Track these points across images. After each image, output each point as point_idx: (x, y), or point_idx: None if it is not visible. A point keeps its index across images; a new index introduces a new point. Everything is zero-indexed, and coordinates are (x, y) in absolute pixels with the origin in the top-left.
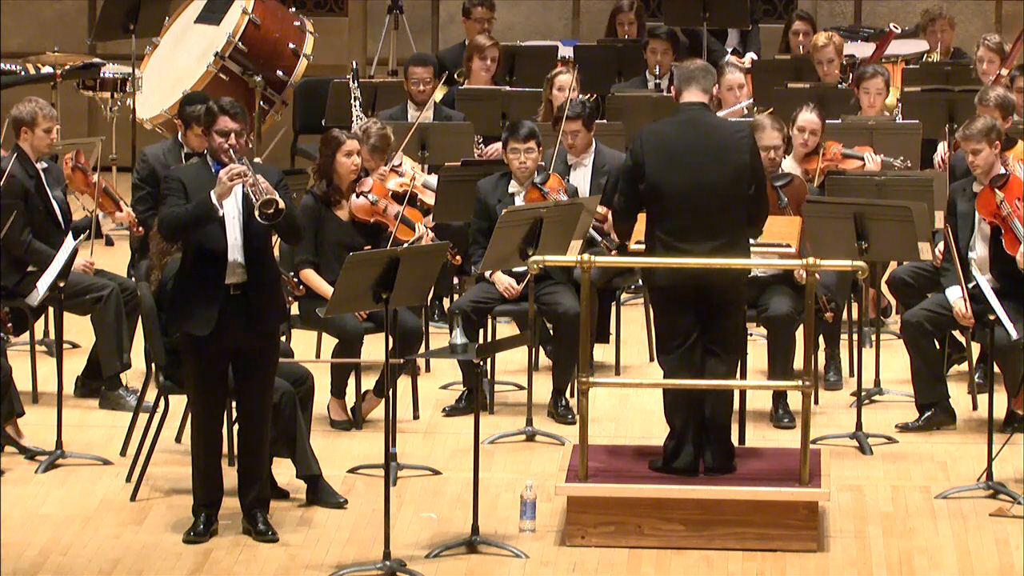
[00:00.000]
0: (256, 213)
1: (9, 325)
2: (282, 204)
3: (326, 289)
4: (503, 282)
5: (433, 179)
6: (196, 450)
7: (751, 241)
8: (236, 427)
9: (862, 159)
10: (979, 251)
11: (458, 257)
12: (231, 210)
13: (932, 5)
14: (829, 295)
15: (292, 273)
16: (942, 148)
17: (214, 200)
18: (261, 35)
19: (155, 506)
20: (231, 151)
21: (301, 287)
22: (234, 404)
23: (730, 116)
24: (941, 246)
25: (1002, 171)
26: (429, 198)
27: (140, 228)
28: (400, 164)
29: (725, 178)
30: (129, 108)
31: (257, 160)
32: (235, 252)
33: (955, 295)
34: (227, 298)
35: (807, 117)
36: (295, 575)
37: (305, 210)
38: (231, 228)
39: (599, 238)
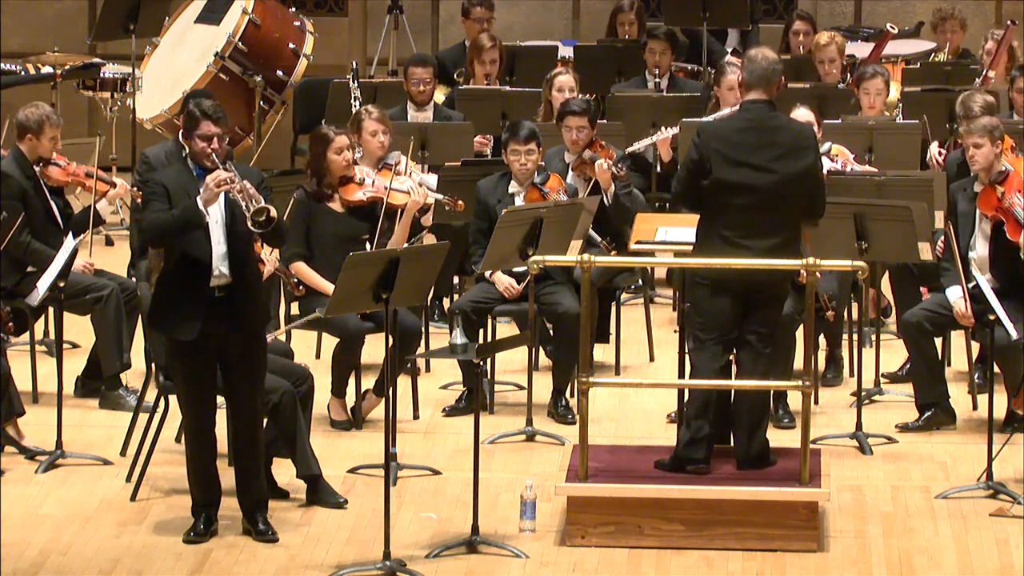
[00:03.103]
0: (249, 222)
1: (10, 324)
2: (274, 212)
3: (319, 281)
4: (503, 282)
5: (433, 179)
6: (190, 452)
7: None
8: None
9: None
10: (979, 250)
11: (460, 203)
12: (215, 214)
13: (944, 4)
14: (831, 293)
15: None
16: (934, 147)
17: (200, 207)
18: (261, 35)
19: (155, 506)
20: (213, 155)
21: (301, 287)
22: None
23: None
24: (942, 241)
25: (1001, 169)
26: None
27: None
28: (399, 163)
29: (788, 178)
30: (129, 108)
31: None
32: (219, 256)
33: (955, 295)
34: (211, 300)
35: (802, 113)
36: (295, 575)
37: (297, 205)
38: (215, 232)
39: (599, 238)
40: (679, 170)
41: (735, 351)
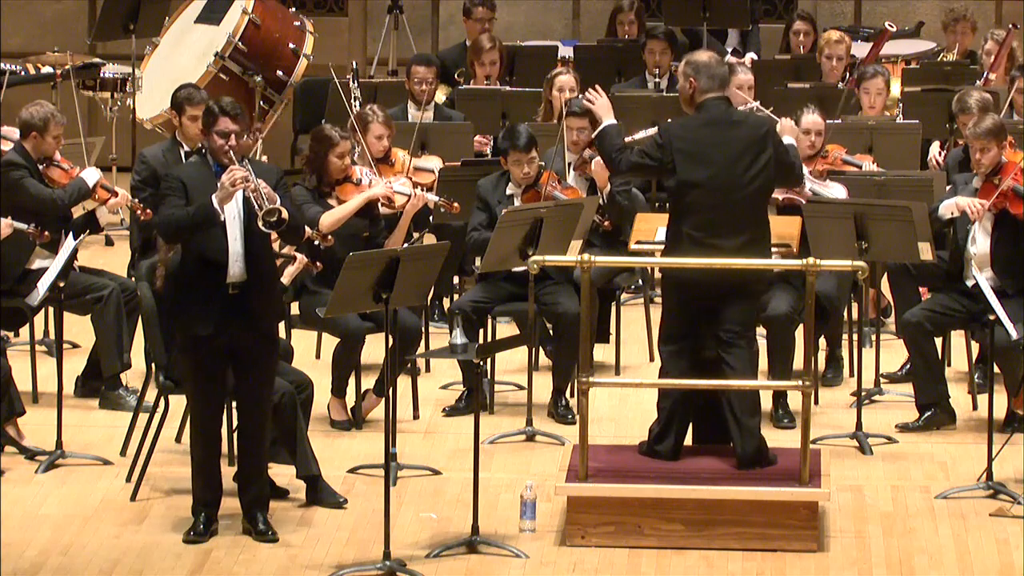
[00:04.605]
0: (260, 223)
1: (46, 233)
2: (285, 213)
3: (344, 210)
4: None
5: (430, 162)
6: (195, 449)
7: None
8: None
9: (860, 167)
10: (979, 247)
11: (456, 205)
12: (231, 211)
13: (957, 4)
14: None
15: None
16: (935, 148)
17: (216, 205)
18: (261, 35)
19: (155, 506)
20: (231, 152)
21: (328, 236)
22: (234, 404)
23: None
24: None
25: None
26: (427, 178)
27: (147, 211)
28: (395, 159)
29: (752, 173)
30: (129, 108)
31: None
32: (236, 254)
33: (945, 204)
34: (225, 298)
35: (812, 119)
36: (295, 575)
37: (299, 194)
38: (232, 229)
39: (598, 219)
40: (636, 154)
41: (716, 351)
